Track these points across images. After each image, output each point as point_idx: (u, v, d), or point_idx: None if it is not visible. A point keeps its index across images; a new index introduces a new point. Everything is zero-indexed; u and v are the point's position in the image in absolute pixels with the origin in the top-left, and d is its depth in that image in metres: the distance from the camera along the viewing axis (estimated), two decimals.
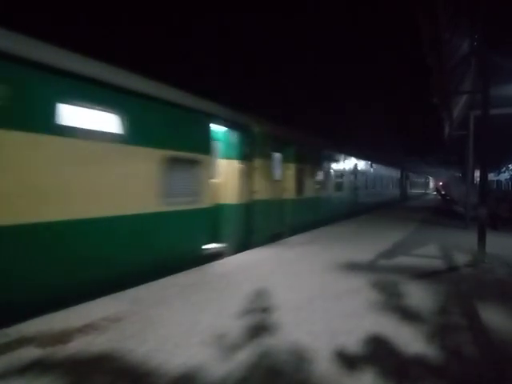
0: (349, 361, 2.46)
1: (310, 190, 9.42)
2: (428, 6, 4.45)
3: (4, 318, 2.85)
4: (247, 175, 6.59)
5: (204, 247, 5.53)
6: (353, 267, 5.20)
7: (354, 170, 13.48)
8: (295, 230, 8.28)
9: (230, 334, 2.84)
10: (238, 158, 6.36)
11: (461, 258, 5.80)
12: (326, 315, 3.29)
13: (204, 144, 5.52)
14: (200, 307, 3.46)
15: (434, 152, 23.18)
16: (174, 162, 4.87)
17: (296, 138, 8.76)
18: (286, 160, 8.15)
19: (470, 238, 6.81)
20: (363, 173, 14.72)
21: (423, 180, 45.00)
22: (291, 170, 8.35)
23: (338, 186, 11.86)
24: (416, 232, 9.16)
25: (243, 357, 2.48)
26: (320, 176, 10.34)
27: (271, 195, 7.38)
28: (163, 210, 4.68)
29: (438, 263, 5.53)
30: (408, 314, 3.32)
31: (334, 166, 11.52)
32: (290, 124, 9.34)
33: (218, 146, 6.25)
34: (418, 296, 3.85)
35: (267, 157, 7.31)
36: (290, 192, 8.26)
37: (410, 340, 2.77)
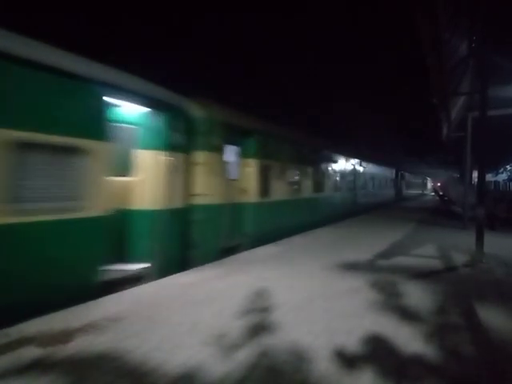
0: (348, 360, 2.47)
1: (280, 192, 7.91)
2: (428, 6, 4.48)
3: None
4: (184, 172, 5.11)
5: (103, 270, 3.90)
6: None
7: (340, 168, 12.24)
8: (260, 241, 6.80)
9: None
10: (166, 150, 4.78)
11: (459, 258, 5.82)
12: None
13: (93, 125, 3.82)
14: None
15: (433, 152, 23.25)
16: (31, 148, 3.30)
17: (260, 128, 7.20)
18: (246, 155, 6.67)
19: (468, 239, 6.84)
20: (351, 171, 13.49)
21: (420, 180, 44.98)
22: (253, 166, 6.80)
23: (319, 187, 10.29)
24: (414, 232, 9.19)
25: None
26: (295, 175, 8.84)
27: (222, 198, 5.85)
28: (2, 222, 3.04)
29: (436, 263, 5.55)
30: (407, 314, 3.33)
31: (314, 163, 10.03)
32: (290, 124, 9.32)
33: (134, 133, 4.76)
34: (417, 296, 3.86)
35: (217, 150, 5.75)
36: (251, 194, 6.75)
37: (409, 340, 2.79)
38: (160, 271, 4.59)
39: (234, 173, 6.41)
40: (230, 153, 6.28)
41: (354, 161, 13.93)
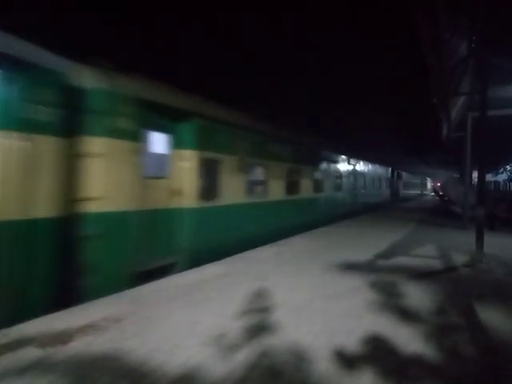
0: (348, 360, 2.47)
1: (235, 194, 6.31)
2: (428, 6, 4.48)
3: None
4: (60, 165, 3.55)
5: None
6: None
7: (322, 166, 10.68)
8: (204, 257, 5.26)
9: None
10: (20, 130, 3.21)
11: (459, 258, 5.82)
12: None
13: None
14: None
15: (433, 152, 23.25)
16: None
17: (205, 111, 5.60)
18: (181, 145, 5.14)
19: (467, 239, 6.84)
20: (335, 170, 11.94)
21: (419, 180, 44.71)
22: (192, 160, 5.27)
23: (293, 187, 8.62)
24: (414, 232, 9.19)
25: None
26: (260, 173, 7.31)
27: (137, 203, 4.30)
28: None
29: (436, 263, 5.55)
30: (407, 314, 3.33)
31: (288, 159, 8.40)
32: (289, 124, 9.31)
33: None
34: (417, 296, 3.87)
35: (128, 136, 4.21)
36: (189, 197, 5.20)
37: (409, 340, 2.79)
38: (12, 312, 3.08)
39: (161, 168, 4.90)
40: (155, 141, 4.73)
41: (340, 157, 12.50)
